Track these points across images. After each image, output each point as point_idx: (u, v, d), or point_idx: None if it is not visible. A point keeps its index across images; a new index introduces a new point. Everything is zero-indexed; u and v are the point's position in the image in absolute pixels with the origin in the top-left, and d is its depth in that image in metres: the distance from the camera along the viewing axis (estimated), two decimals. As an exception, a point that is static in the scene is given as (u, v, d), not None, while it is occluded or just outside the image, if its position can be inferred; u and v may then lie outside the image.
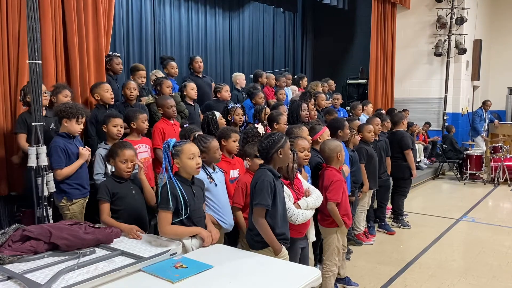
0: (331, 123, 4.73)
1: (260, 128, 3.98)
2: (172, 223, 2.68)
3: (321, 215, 3.66)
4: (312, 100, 5.92)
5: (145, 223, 3.12)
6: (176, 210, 2.67)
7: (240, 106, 4.84)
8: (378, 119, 5.57)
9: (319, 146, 3.97)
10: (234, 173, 3.65)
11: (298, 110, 5.12)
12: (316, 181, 3.76)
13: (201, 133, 3.80)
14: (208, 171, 3.25)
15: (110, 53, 4.96)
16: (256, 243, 2.81)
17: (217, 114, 4.46)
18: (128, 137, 4.03)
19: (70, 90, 4.10)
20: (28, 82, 3.76)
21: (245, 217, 3.39)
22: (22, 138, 3.73)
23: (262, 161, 3.19)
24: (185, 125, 4.05)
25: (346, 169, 4.21)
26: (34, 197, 3.06)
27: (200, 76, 6.35)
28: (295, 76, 8.47)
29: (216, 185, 3.24)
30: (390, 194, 5.92)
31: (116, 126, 3.73)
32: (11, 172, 4.01)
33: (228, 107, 4.80)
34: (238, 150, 3.72)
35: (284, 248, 2.85)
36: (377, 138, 5.53)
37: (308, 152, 3.45)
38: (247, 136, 3.92)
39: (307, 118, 5.26)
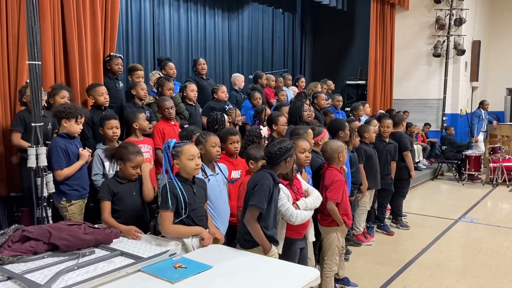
0: (332, 123, 4.74)
1: (264, 131, 3.98)
2: (174, 223, 2.70)
3: (321, 215, 3.67)
4: (308, 100, 5.93)
5: (145, 224, 3.13)
6: (176, 210, 2.69)
7: (232, 106, 4.85)
8: (388, 121, 5.58)
9: (319, 148, 3.98)
10: (235, 174, 3.64)
11: (300, 110, 5.13)
12: (318, 183, 3.77)
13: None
14: (206, 171, 3.21)
15: (111, 53, 4.96)
16: (247, 242, 2.85)
17: (226, 116, 4.48)
18: (130, 137, 4.04)
19: (68, 90, 4.07)
20: (26, 82, 3.78)
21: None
22: (16, 136, 3.70)
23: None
24: (185, 126, 4.05)
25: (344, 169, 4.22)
26: (33, 198, 3.06)
27: (204, 78, 6.37)
28: (295, 78, 8.48)
29: (208, 180, 3.17)
30: (391, 197, 5.92)
31: (112, 128, 3.73)
32: (10, 173, 4.01)
33: (226, 109, 4.82)
34: (237, 151, 3.72)
35: (273, 247, 2.88)
36: (386, 140, 5.55)
37: (309, 153, 3.45)
38: (250, 137, 3.89)
39: (309, 118, 5.27)
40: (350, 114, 7.11)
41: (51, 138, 3.68)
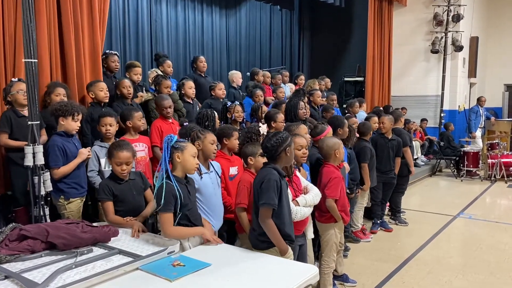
0: (331, 120, 4.73)
1: (263, 128, 3.97)
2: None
3: (319, 212, 3.67)
4: (306, 98, 5.92)
5: (144, 223, 3.10)
6: (174, 211, 2.66)
7: (238, 103, 4.86)
8: (385, 117, 5.57)
9: None
10: (233, 170, 3.62)
11: (295, 108, 5.12)
12: (316, 177, 3.76)
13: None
14: (200, 169, 3.15)
15: (107, 51, 4.93)
16: (261, 243, 2.78)
17: (216, 113, 4.46)
18: (125, 135, 4.02)
19: (64, 87, 4.03)
20: (11, 80, 3.75)
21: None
22: (3, 136, 3.62)
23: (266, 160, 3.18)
24: (184, 124, 4.04)
25: (346, 167, 4.21)
26: (31, 197, 3.04)
27: (203, 75, 6.35)
28: (294, 75, 8.46)
29: (201, 178, 3.13)
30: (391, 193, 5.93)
31: (105, 125, 3.72)
32: (8, 172, 3.98)
33: (227, 105, 4.80)
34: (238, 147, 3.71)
35: (290, 248, 2.83)
36: (389, 136, 5.54)
37: (306, 150, 3.43)
38: (249, 134, 3.88)
39: (305, 116, 5.26)
40: (346, 111, 7.11)
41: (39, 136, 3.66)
